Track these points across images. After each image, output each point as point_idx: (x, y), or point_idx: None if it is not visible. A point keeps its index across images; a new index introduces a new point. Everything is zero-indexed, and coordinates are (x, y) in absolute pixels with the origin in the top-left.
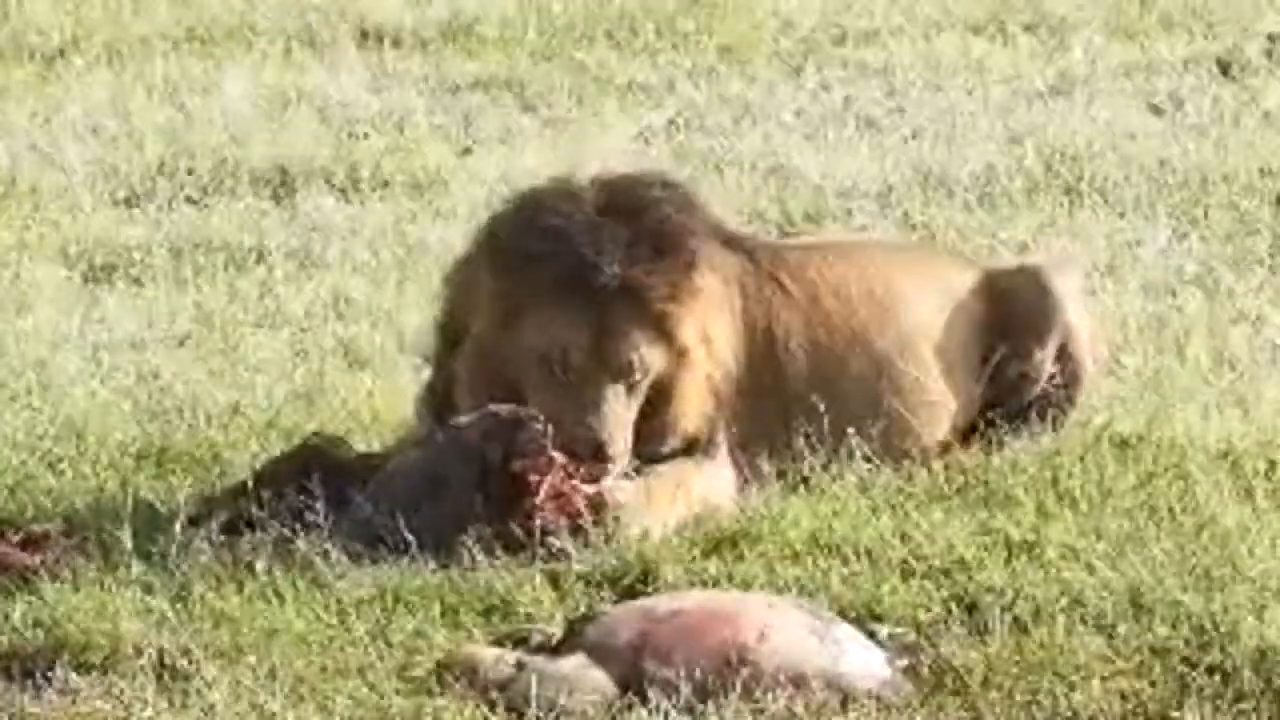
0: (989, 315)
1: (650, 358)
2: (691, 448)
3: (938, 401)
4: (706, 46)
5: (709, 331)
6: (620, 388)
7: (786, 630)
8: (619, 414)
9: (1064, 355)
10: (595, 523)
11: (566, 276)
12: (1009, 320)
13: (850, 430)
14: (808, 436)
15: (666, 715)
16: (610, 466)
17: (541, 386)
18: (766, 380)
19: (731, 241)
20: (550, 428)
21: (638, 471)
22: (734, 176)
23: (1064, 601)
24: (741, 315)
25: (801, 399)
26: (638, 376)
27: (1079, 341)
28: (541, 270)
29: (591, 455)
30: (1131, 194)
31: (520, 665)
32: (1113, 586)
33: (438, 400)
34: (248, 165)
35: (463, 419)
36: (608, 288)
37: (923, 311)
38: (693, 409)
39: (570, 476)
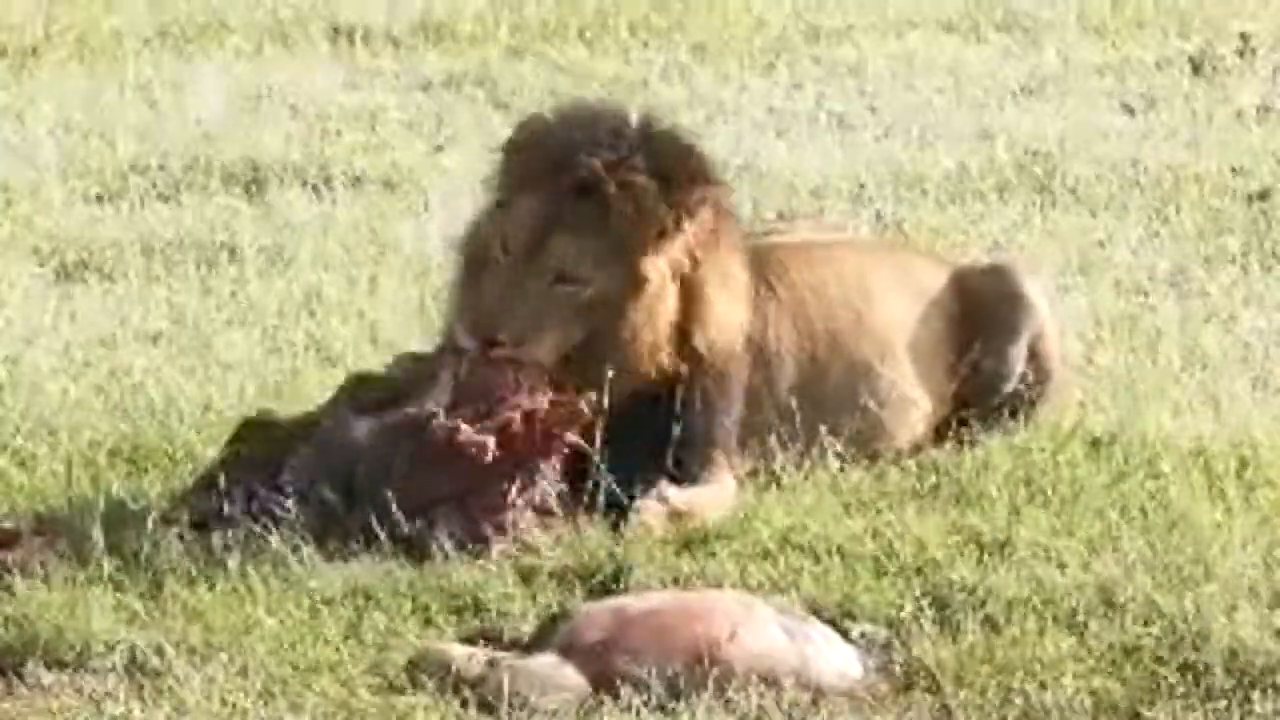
0: (960, 314)
1: (594, 269)
2: (676, 430)
3: (913, 401)
4: (679, 44)
5: (699, 291)
6: (548, 283)
7: (758, 628)
8: (533, 306)
9: (1034, 353)
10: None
11: (545, 168)
12: (980, 318)
13: (823, 429)
14: (782, 440)
15: (638, 713)
16: (499, 351)
17: (485, 271)
18: (761, 387)
19: (743, 231)
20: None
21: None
22: None
23: (1036, 600)
24: (750, 314)
25: (787, 406)
26: (575, 284)
27: (1049, 340)
28: (527, 161)
29: (482, 330)
30: (1104, 193)
31: (492, 663)
32: (1084, 585)
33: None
34: (220, 162)
35: (426, 400)
36: (576, 185)
37: (897, 312)
38: (640, 345)
39: (536, 393)
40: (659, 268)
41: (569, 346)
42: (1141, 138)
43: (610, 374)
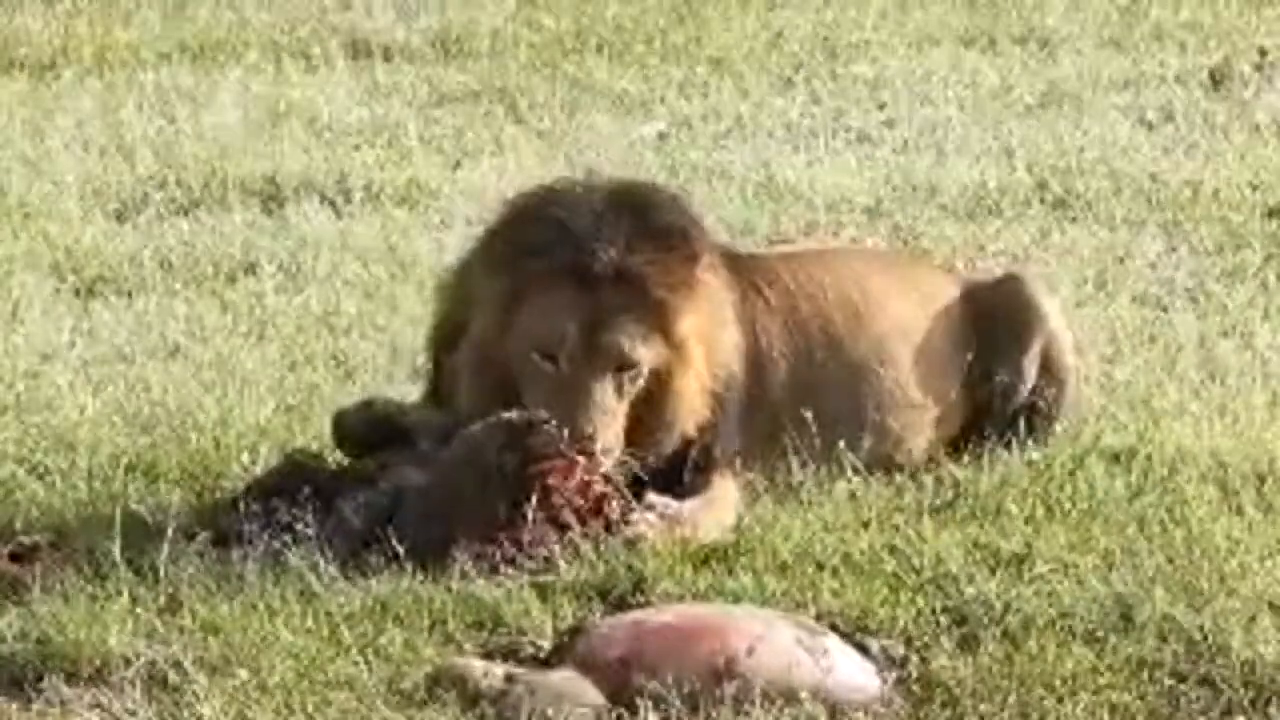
0: (971, 324)
1: (644, 349)
2: (691, 453)
3: (919, 405)
4: (697, 59)
5: (710, 333)
6: (610, 378)
7: (776, 643)
8: (608, 406)
9: (1048, 364)
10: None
11: (561, 265)
12: (992, 329)
13: (841, 444)
14: (797, 450)
15: None
16: (600, 460)
17: (534, 379)
18: (755, 391)
19: (723, 253)
20: (566, 431)
21: (640, 482)
22: (724, 189)
23: (1054, 614)
24: (738, 325)
25: (786, 407)
26: (630, 368)
27: (1062, 350)
28: (538, 261)
29: (578, 448)
30: (1122, 207)
31: (510, 678)
32: (1102, 600)
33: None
34: (238, 177)
35: (474, 429)
36: (602, 276)
37: (900, 315)
38: (689, 407)
39: (592, 473)
40: (692, 325)
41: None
42: (1160, 152)
43: (672, 436)
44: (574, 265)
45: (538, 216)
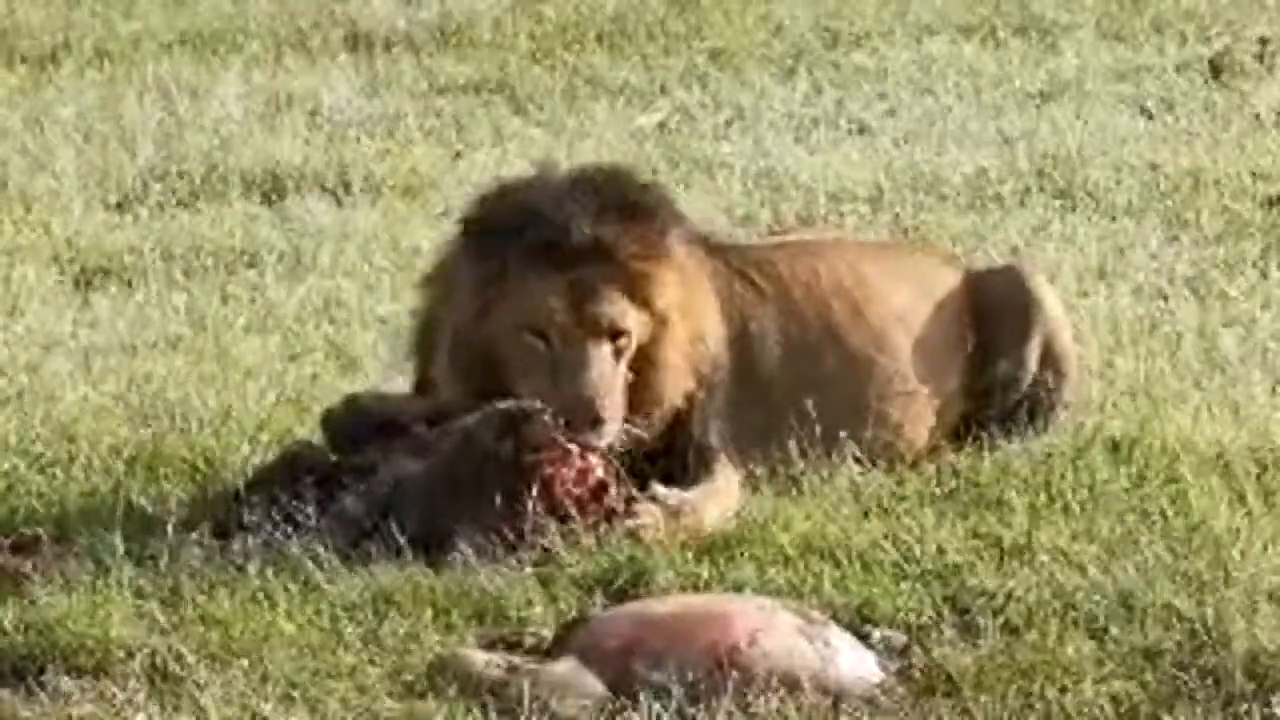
0: (970, 313)
1: (630, 319)
2: (691, 442)
3: (917, 394)
4: (698, 49)
5: (689, 306)
6: (604, 348)
7: (778, 633)
8: (606, 374)
9: (1048, 354)
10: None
11: (538, 244)
12: (992, 319)
13: (842, 434)
14: (798, 439)
15: (658, 718)
16: (603, 429)
17: (526, 360)
18: (748, 379)
19: (700, 239)
20: (559, 420)
21: (642, 473)
22: (725, 179)
23: (1055, 604)
24: (721, 311)
25: (783, 396)
26: (621, 338)
27: (1063, 340)
28: (512, 244)
29: (583, 418)
30: (1123, 197)
31: (512, 668)
32: (1104, 589)
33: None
34: (239, 169)
35: (470, 419)
36: (580, 248)
37: (897, 304)
38: (675, 378)
39: (585, 459)
40: (672, 297)
41: None
42: (1160, 142)
43: (654, 414)
44: (550, 242)
45: (504, 202)
